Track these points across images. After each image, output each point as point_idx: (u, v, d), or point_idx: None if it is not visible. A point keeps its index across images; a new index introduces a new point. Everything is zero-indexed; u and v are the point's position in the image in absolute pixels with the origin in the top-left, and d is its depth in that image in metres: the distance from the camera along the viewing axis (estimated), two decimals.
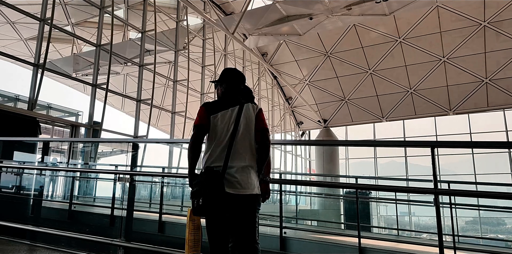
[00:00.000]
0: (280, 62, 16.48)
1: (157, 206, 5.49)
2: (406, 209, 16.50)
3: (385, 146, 20.01)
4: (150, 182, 9.05)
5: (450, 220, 4.91)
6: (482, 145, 4.12)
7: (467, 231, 16.74)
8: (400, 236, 8.08)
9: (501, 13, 12.78)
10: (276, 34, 13.18)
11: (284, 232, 4.47)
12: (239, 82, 2.54)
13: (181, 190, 10.35)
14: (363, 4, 10.99)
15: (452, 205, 4.96)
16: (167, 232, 5.05)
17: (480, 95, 14.98)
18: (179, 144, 10.74)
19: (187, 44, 11.90)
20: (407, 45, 14.48)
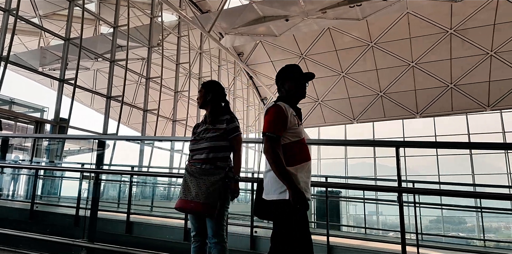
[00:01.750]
0: (256, 62, 16.52)
1: (126, 206, 5.38)
2: (374, 208, 16.92)
3: (353, 145, 20.40)
4: (119, 181, 8.85)
5: (414, 218, 5.08)
6: (444, 145, 4.31)
7: (431, 229, 17.35)
8: (368, 234, 8.28)
9: (466, 21, 13.34)
10: (252, 34, 13.20)
11: (255, 231, 4.47)
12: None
13: (151, 189, 10.20)
14: (337, 8, 11.19)
15: (416, 204, 5.13)
16: (135, 233, 4.95)
17: (445, 99, 15.59)
18: (150, 142, 10.57)
19: (161, 41, 11.73)
20: (379, 50, 14.85)
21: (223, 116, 2.83)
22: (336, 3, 11.05)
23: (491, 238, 12.92)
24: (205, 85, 2.95)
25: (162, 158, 11.69)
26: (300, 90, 2.35)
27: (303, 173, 2.18)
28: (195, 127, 2.96)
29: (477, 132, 16.78)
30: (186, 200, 2.64)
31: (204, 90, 2.91)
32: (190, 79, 12.43)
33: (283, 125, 2.20)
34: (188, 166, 2.76)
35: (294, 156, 2.18)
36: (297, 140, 2.22)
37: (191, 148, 2.83)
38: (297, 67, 2.44)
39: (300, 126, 2.26)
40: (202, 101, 2.91)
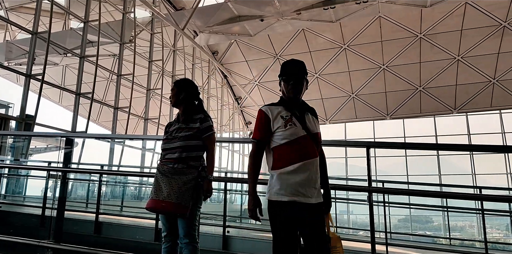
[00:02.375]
0: (230, 61, 16.47)
1: (94, 206, 5.24)
2: (345, 207, 17.23)
3: (325, 145, 20.69)
4: (88, 180, 8.61)
5: (384, 218, 5.21)
6: (413, 146, 4.45)
7: (399, 228, 17.86)
8: (339, 233, 8.41)
9: (435, 27, 13.81)
10: (227, 33, 13.15)
11: (227, 231, 4.46)
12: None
13: (121, 189, 9.99)
14: (311, 10, 11.32)
15: (385, 203, 5.26)
16: (104, 233, 4.83)
17: (414, 101, 16.09)
18: (121, 141, 10.34)
19: (133, 37, 11.49)
20: (351, 52, 15.14)
21: (196, 115, 2.80)
22: (310, 5, 11.18)
23: (456, 236, 13.46)
24: (177, 84, 2.90)
25: (133, 157, 11.47)
26: (289, 91, 2.29)
27: (294, 175, 2.14)
28: (168, 126, 2.91)
29: (444, 134, 17.41)
30: (157, 200, 2.59)
31: (176, 88, 2.86)
32: (163, 77, 12.24)
33: (265, 130, 2.21)
34: (159, 166, 2.71)
35: (282, 158, 2.18)
36: (286, 142, 2.18)
37: (163, 148, 2.78)
38: (290, 63, 2.36)
39: (290, 127, 2.19)
40: (174, 100, 2.86)
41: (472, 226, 17.01)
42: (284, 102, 2.31)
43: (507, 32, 13.58)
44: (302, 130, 2.21)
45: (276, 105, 2.30)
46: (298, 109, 2.29)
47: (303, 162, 2.16)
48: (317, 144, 2.27)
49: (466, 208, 8.84)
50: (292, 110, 2.27)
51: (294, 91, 2.29)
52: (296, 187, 2.12)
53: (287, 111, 2.25)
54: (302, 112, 2.30)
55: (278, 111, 2.24)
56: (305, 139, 2.20)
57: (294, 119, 2.22)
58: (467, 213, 13.03)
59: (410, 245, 5.15)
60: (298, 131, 2.20)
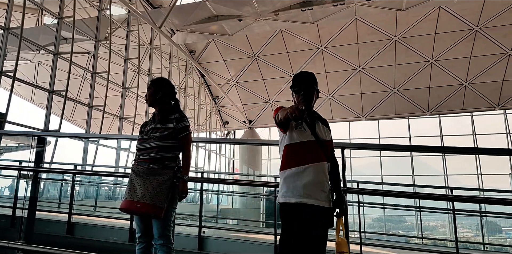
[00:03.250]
0: (208, 60, 16.39)
1: (67, 206, 5.12)
2: None
3: None
4: (61, 180, 8.40)
5: (358, 217, 5.30)
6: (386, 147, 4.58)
7: (374, 227, 18.20)
8: None
9: (410, 30, 14.16)
10: (205, 32, 13.08)
11: (203, 232, 4.44)
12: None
13: (95, 189, 9.79)
14: (289, 11, 11.40)
15: (360, 203, 5.35)
16: (77, 234, 4.73)
17: (389, 103, 16.45)
18: (95, 140, 10.13)
19: (109, 35, 11.27)
20: (328, 54, 15.33)
21: (172, 115, 2.78)
22: (288, 6, 11.26)
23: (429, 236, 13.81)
24: (154, 83, 2.86)
25: (108, 156, 11.26)
26: (298, 100, 2.34)
27: (299, 177, 2.19)
28: (143, 126, 2.87)
29: (417, 135, 17.88)
30: (131, 201, 2.56)
31: (153, 88, 2.82)
32: (139, 75, 12.06)
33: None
34: (134, 166, 2.69)
35: (289, 160, 2.27)
36: (293, 143, 2.27)
37: (139, 148, 2.75)
38: (299, 76, 2.43)
39: (299, 130, 2.28)
40: (151, 99, 2.82)
41: (444, 225, 17.49)
42: None
43: (478, 37, 14.06)
44: (310, 135, 2.28)
45: None
46: (309, 117, 2.37)
47: (309, 165, 2.21)
48: (326, 151, 2.32)
49: (438, 208, 9.09)
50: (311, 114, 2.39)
51: (305, 101, 2.35)
52: (301, 189, 2.17)
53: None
54: (312, 119, 2.38)
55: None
56: (312, 144, 2.27)
57: (304, 124, 2.30)
58: (439, 213, 13.40)
59: (384, 245, 5.27)
60: (306, 135, 2.28)
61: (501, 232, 17.11)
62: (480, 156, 16.65)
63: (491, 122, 17.38)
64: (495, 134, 17.20)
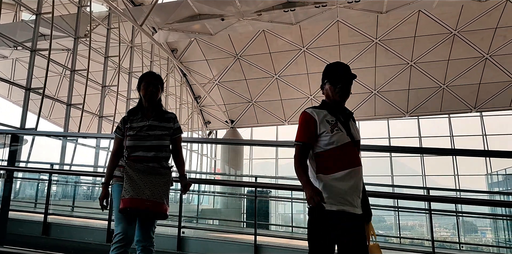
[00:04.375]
0: (190, 59, 16.28)
1: (43, 206, 5.00)
2: (302, 207, 17.54)
3: (281, 146, 20.99)
4: (37, 179, 8.20)
5: None
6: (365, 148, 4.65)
7: None
8: (295, 232, 8.56)
9: (390, 33, 14.39)
10: (187, 31, 12.99)
11: (183, 232, 4.41)
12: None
13: (72, 188, 9.60)
14: (272, 12, 11.44)
15: None
16: (53, 235, 4.63)
17: (369, 105, 16.69)
18: (74, 139, 9.92)
19: (89, 32, 11.06)
20: (310, 55, 15.45)
21: (167, 113, 2.74)
22: (271, 6, 11.30)
23: (407, 235, 14.07)
24: (159, 78, 2.79)
25: (87, 156, 11.05)
26: (335, 94, 2.18)
27: (340, 182, 2.05)
28: (128, 121, 2.70)
29: (396, 136, 18.20)
30: (140, 199, 2.42)
31: (160, 84, 2.75)
32: (120, 73, 11.88)
33: (311, 133, 2.11)
34: (131, 163, 2.54)
35: (328, 165, 2.08)
36: (331, 148, 2.08)
37: (134, 144, 2.61)
38: (338, 65, 2.24)
39: (336, 133, 2.10)
40: (157, 95, 2.74)
41: (422, 225, 17.83)
42: (328, 106, 2.21)
43: (456, 40, 14.41)
44: (347, 136, 2.12)
45: (319, 109, 2.19)
46: (342, 114, 2.20)
47: (350, 170, 2.08)
48: (359, 152, 2.20)
49: (416, 208, 9.25)
50: (336, 114, 2.18)
51: (342, 94, 2.19)
52: (343, 196, 2.04)
53: (332, 116, 2.16)
54: (346, 117, 2.21)
55: (324, 114, 2.14)
56: (349, 146, 2.12)
57: (339, 124, 2.13)
58: (417, 213, 13.67)
59: None
60: (344, 137, 2.11)
61: (477, 231, 17.57)
62: (457, 157, 17.06)
63: (467, 124, 17.86)
64: (471, 136, 17.67)
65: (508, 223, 12.62)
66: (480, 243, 14.73)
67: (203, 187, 11.44)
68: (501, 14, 13.43)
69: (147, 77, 2.75)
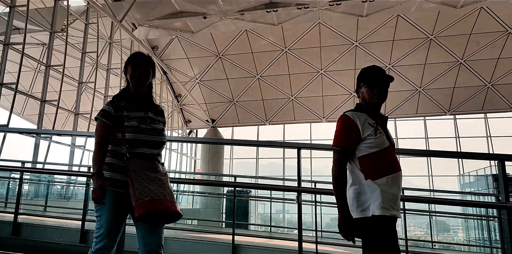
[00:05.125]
0: (171, 57, 16.09)
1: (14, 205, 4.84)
2: (281, 207, 17.61)
3: (261, 146, 21.05)
4: (8, 178, 7.94)
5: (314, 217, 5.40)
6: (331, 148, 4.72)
7: (331, 226, 18.57)
8: (273, 232, 8.58)
9: (370, 36, 14.63)
10: (168, 28, 12.83)
11: None
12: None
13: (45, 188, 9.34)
14: (254, 12, 11.44)
15: (317, 203, 5.46)
16: (24, 235, 4.49)
17: (348, 106, 16.88)
18: (48, 136, 9.64)
19: (66, 27, 10.78)
20: (292, 56, 15.53)
21: (157, 106, 2.42)
22: (253, 6, 11.29)
23: None
24: (150, 61, 2.38)
25: (61, 154, 10.77)
26: (373, 97, 2.15)
27: (389, 186, 2.02)
28: (122, 107, 2.26)
29: None
30: (161, 200, 2.08)
31: (150, 67, 2.35)
32: (97, 70, 11.62)
33: (353, 137, 2.06)
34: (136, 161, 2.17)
35: (376, 168, 2.03)
36: (375, 151, 2.04)
37: (137, 138, 2.20)
38: (374, 69, 2.22)
39: (379, 135, 2.07)
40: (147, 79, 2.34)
41: (397, 224, 18.17)
42: (366, 109, 2.17)
43: (433, 45, 14.78)
44: (386, 139, 2.11)
45: (358, 112, 2.16)
46: (380, 117, 2.18)
47: (396, 174, 2.06)
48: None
49: None
50: (375, 117, 2.15)
51: (380, 97, 2.16)
52: (394, 201, 2.02)
53: (371, 119, 2.13)
54: (383, 121, 2.19)
55: (364, 118, 2.11)
56: (390, 149, 2.11)
57: (379, 127, 2.11)
58: None
59: (338, 243, 5.40)
60: (385, 140, 2.10)
61: (449, 230, 18.06)
62: (431, 159, 17.49)
63: (442, 126, 18.33)
64: (445, 138, 18.15)
65: (478, 222, 13.01)
66: (452, 242, 15.13)
67: (182, 186, 11.33)
68: (475, 21, 13.85)
69: (135, 57, 2.37)
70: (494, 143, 17.40)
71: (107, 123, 2.24)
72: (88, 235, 4.40)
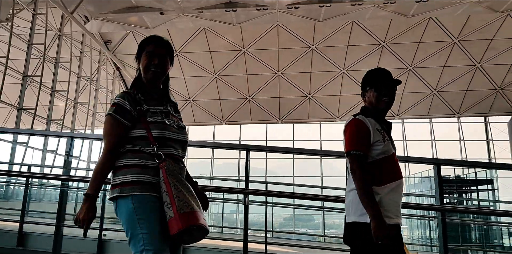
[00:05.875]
0: (125, 53, 15.56)
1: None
2: (235, 207, 17.59)
3: (207, 147, 20.92)
4: None
5: (265, 217, 5.43)
6: (289, 151, 4.74)
7: (285, 226, 18.88)
8: (225, 233, 8.52)
9: (326, 40, 15.01)
10: (123, 23, 12.41)
11: (104, 234, 4.18)
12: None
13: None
14: (213, 10, 11.35)
15: (268, 204, 5.50)
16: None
17: (304, 108, 17.28)
18: None
19: (11, 16, 10.11)
20: (250, 56, 15.58)
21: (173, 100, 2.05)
22: (213, 5, 11.20)
23: (333, 234, 14.65)
24: (170, 49, 1.98)
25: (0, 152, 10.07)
26: (380, 101, 2.10)
27: (394, 193, 1.99)
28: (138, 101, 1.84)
29: (328, 139, 18.98)
30: (198, 212, 1.70)
31: (170, 56, 1.96)
32: (45, 63, 10.99)
33: (367, 142, 2.00)
34: (171, 162, 1.79)
35: (382, 175, 1.99)
36: (383, 157, 2.01)
37: (164, 136, 1.81)
38: (381, 72, 2.16)
39: (387, 142, 2.04)
40: (167, 70, 1.96)
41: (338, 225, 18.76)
42: (373, 114, 2.12)
43: (385, 51, 15.43)
44: (391, 146, 2.09)
45: (366, 116, 2.10)
46: (385, 123, 2.14)
47: (399, 181, 2.03)
48: None
49: (339, 208, 9.68)
50: (381, 123, 2.11)
51: (387, 102, 2.12)
52: (396, 208, 1.99)
53: (379, 124, 2.09)
54: (388, 126, 2.16)
55: (373, 123, 2.06)
56: (394, 156, 2.09)
57: (385, 134, 2.08)
58: (342, 212, 14.32)
59: (288, 244, 5.48)
60: (391, 147, 2.08)
61: None
62: None
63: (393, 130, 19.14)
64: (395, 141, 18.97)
65: (421, 222, 13.73)
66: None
67: None
68: (424, 30, 14.63)
69: (151, 44, 1.95)
70: (438, 146, 18.49)
71: (123, 122, 1.77)
72: (28, 237, 4.17)
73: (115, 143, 1.76)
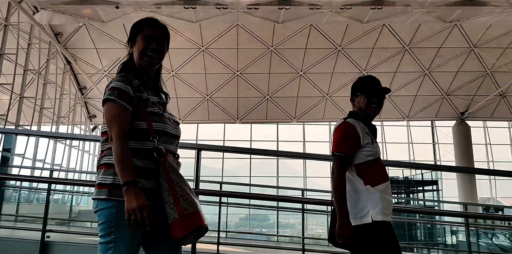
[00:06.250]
0: (77, 46, 14.86)
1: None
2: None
3: None
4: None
5: (224, 217, 5.40)
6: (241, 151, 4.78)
7: (240, 226, 18.90)
8: None
9: (284, 42, 15.20)
10: (75, 15, 11.83)
11: (47, 236, 3.96)
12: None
13: None
14: (172, 6, 11.12)
15: (222, 204, 5.48)
16: None
17: (261, 108, 17.40)
18: None
19: None
20: (209, 55, 15.44)
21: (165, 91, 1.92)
22: (171, 1, 10.97)
23: (288, 233, 14.87)
24: (167, 33, 1.85)
25: None
26: (369, 108, 2.21)
27: (386, 193, 2.10)
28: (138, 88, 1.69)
29: (284, 139, 19.26)
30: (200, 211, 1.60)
31: (167, 41, 1.84)
32: None
33: (354, 144, 2.11)
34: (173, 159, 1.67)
35: (372, 176, 2.10)
36: (373, 159, 2.13)
37: (163, 129, 1.68)
38: (373, 79, 2.28)
39: (375, 144, 2.17)
40: (163, 57, 1.82)
41: (300, 223, 19.11)
42: (361, 118, 2.23)
43: (340, 56, 15.88)
44: (378, 148, 2.22)
45: (355, 119, 2.21)
46: (371, 128, 2.26)
47: (388, 182, 2.14)
48: None
49: (295, 209, 9.83)
50: (369, 127, 2.23)
51: (376, 109, 2.23)
52: (390, 206, 2.11)
53: (367, 128, 2.21)
54: (374, 131, 2.28)
55: (362, 126, 2.17)
56: (380, 159, 2.20)
57: (373, 137, 2.21)
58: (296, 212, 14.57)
59: (239, 244, 5.48)
60: (379, 150, 2.21)
61: None
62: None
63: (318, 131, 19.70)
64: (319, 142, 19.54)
65: None
66: None
67: (83, 187, 10.48)
68: (377, 36, 15.23)
69: (148, 26, 1.78)
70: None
71: (126, 108, 1.60)
72: None
73: (125, 130, 1.58)
